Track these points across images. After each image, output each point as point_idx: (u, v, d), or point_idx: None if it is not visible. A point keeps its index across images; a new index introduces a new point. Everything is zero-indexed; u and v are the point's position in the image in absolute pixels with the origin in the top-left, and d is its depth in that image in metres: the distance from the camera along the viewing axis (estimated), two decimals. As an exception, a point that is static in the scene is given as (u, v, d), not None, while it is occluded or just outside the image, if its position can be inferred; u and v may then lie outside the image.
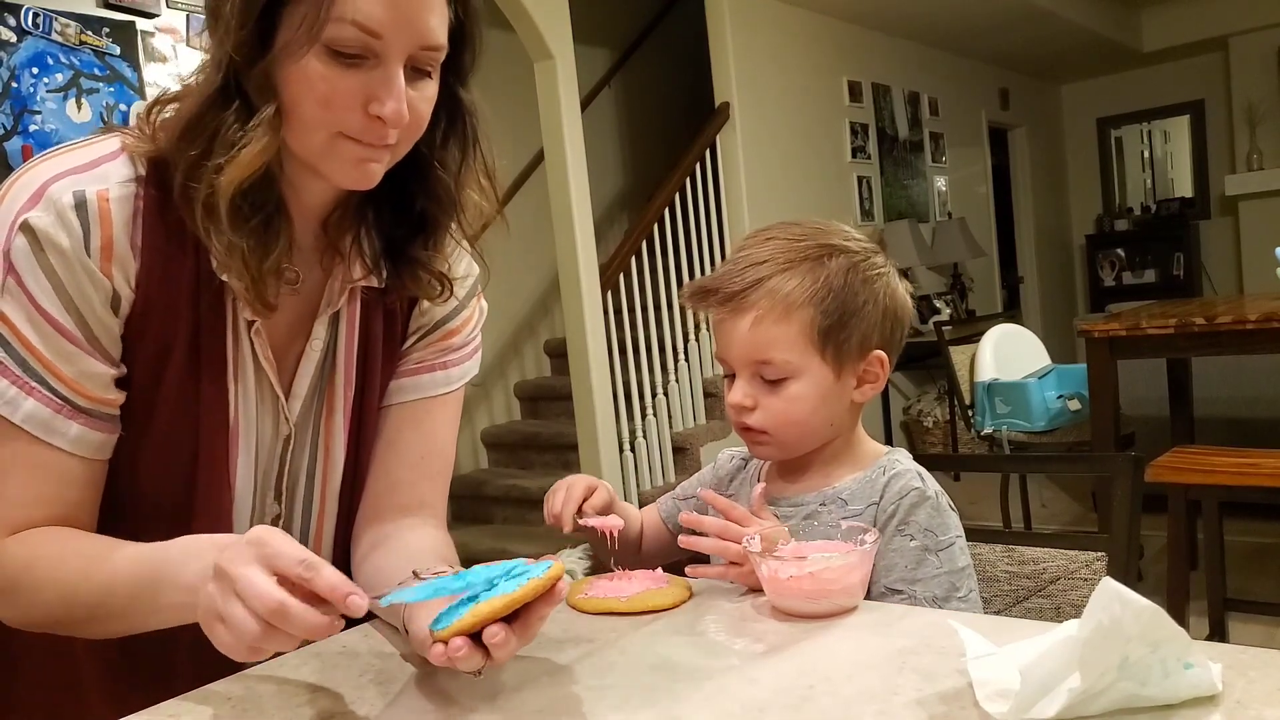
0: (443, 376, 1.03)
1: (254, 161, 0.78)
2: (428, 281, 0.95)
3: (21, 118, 2.65)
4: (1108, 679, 0.60)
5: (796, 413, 1.02)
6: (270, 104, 0.79)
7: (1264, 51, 7.08)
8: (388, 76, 0.79)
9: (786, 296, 1.00)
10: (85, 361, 0.82)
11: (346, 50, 0.77)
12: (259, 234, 0.83)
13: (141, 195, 0.83)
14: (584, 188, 3.99)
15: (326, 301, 0.94)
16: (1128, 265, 7.94)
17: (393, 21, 0.77)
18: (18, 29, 2.64)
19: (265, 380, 0.93)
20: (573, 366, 4.05)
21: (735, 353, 1.03)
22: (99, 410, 0.84)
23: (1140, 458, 1.18)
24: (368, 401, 0.99)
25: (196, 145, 0.80)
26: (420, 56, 0.81)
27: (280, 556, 0.69)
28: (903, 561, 0.98)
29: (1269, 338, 2.82)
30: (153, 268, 0.84)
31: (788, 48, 5.24)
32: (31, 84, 2.67)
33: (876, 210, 5.89)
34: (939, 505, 1.01)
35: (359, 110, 0.79)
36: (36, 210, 0.79)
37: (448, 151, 0.91)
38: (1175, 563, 2.45)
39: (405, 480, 1.01)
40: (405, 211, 0.93)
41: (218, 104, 0.79)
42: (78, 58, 2.74)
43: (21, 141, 2.64)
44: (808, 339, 1.01)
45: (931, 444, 5.60)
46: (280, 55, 0.78)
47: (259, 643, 0.68)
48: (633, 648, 0.84)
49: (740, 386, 1.04)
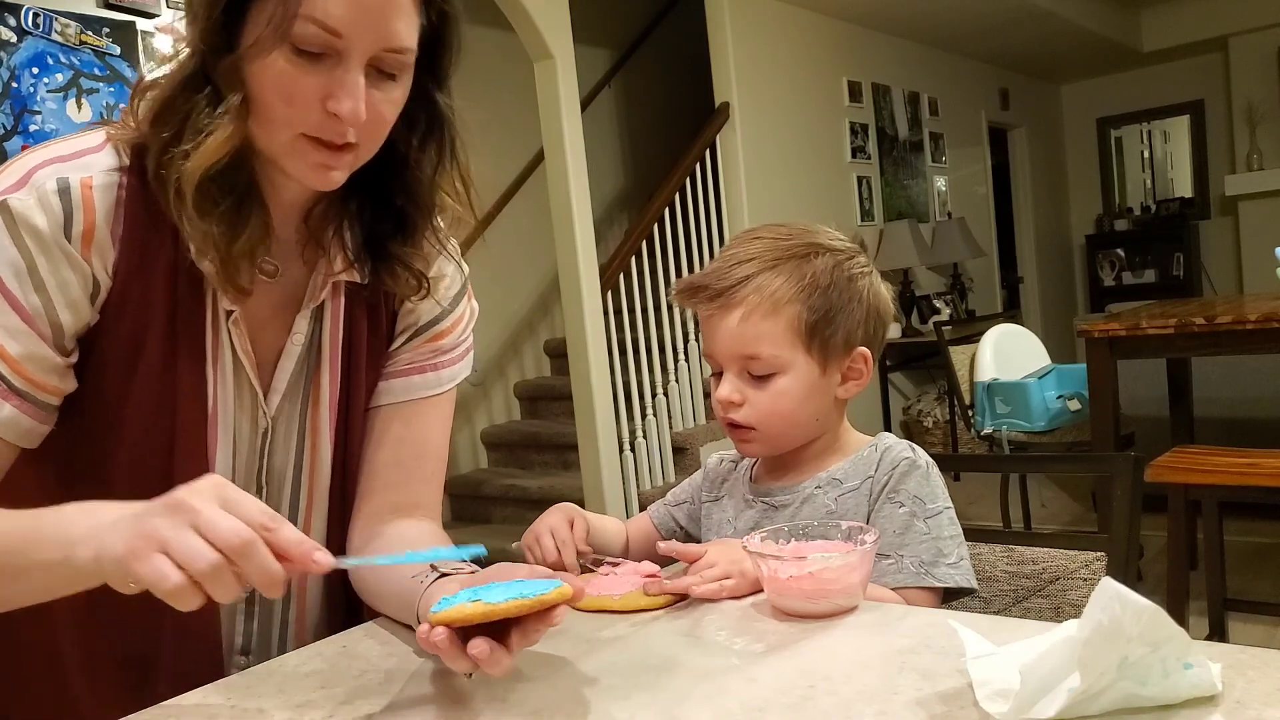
0: (434, 378, 1.04)
1: (219, 149, 0.80)
2: (406, 279, 0.96)
3: (21, 118, 2.65)
4: (1107, 679, 0.60)
5: (783, 407, 1.05)
6: (237, 93, 0.80)
7: (1264, 51, 7.07)
8: (346, 75, 0.79)
9: (774, 293, 1.03)
10: (35, 343, 0.82)
11: (308, 48, 0.78)
12: (229, 218, 0.83)
13: (124, 185, 0.84)
14: (584, 188, 3.99)
15: (309, 296, 0.95)
16: (1128, 265, 7.94)
17: (354, 21, 0.78)
18: (18, 29, 2.64)
19: (244, 373, 0.93)
20: (573, 366, 4.05)
21: (723, 348, 1.06)
22: (35, 395, 0.83)
23: (1140, 458, 1.18)
24: (354, 398, 0.99)
25: (168, 128, 0.81)
26: (384, 58, 0.81)
27: (240, 502, 0.68)
28: (891, 527, 1.01)
29: (1269, 338, 2.82)
30: (131, 256, 0.84)
31: (788, 48, 5.24)
32: (31, 84, 2.66)
33: (876, 210, 5.89)
34: (928, 475, 1.04)
35: (318, 107, 0.80)
36: (20, 193, 0.80)
37: (425, 154, 0.92)
38: (1175, 563, 2.45)
39: (399, 481, 1.01)
40: (385, 208, 0.94)
41: (189, 89, 0.81)
42: (78, 58, 2.74)
43: (21, 141, 2.64)
44: (794, 334, 1.03)
45: (931, 444, 5.59)
46: (248, 49, 0.79)
47: (205, 576, 0.66)
48: (632, 647, 0.84)
49: (728, 382, 1.06)
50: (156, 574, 0.66)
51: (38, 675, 0.94)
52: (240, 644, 0.99)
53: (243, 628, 0.99)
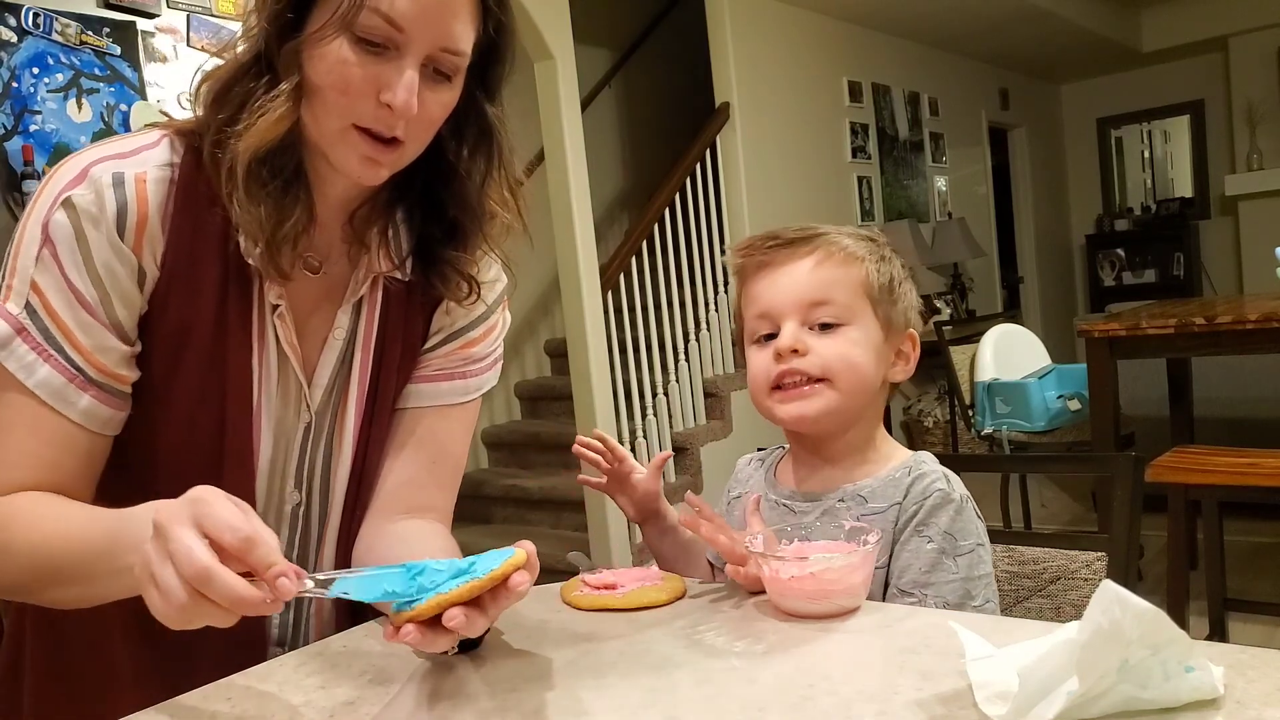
0: (461, 386, 1.05)
1: (271, 129, 0.82)
2: (457, 283, 0.98)
3: (22, 118, 2.64)
4: (1106, 682, 0.60)
5: (856, 357, 1.00)
6: (294, 77, 0.82)
7: (1264, 51, 7.07)
8: (402, 68, 0.82)
9: (847, 248, 1.02)
10: (102, 335, 0.85)
11: (370, 38, 0.81)
12: (276, 200, 0.86)
13: (175, 180, 0.87)
14: (584, 188, 3.99)
15: (350, 290, 0.97)
16: (1128, 265, 7.94)
17: (416, 18, 0.81)
18: (18, 29, 2.64)
19: (288, 367, 0.94)
20: (573, 366, 4.05)
21: (789, 296, 1.01)
22: (110, 385, 0.86)
23: (1140, 458, 1.18)
24: (382, 393, 1.00)
25: (225, 110, 0.84)
26: (440, 58, 0.84)
27: (212, 518, 0.65)
28: (917, 564, 0.96)
29: (1269, 338, 2.82)
30: (180, 249, 0.87)
31: (788, 48, 5.24)
32: (32, 84, 2.66)
33: (876, 210, 5.89)
34: (962, 509, 0.98)
35: (372, 98, 0.83)
36: (80, 188, 0.83)
37: (474, 163, 0.94)
38: (1175, 563, 2.45)
39: (415, 482, 1.02)
40: (435, 214, 0.96)
41: (249, 73, 0.84)
42: (78, 58, 2.74)
43: (22, 141, 2.64)
44: (865, 290, 1.02)
45: (931, 444, 5.59)
46: (311, 35, 0.81)
47: (186, 612, 0.64)
48: (632, 648, 0.84)
49: (790, 331, 1.00)
50: (157, 612, 0.66)
51: (85, 668, 0.95)
52: (277, 635, 1.00)
53: (279, 619, 1.00)
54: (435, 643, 0.72)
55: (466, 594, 0.70)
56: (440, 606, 0.70)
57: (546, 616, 0.94)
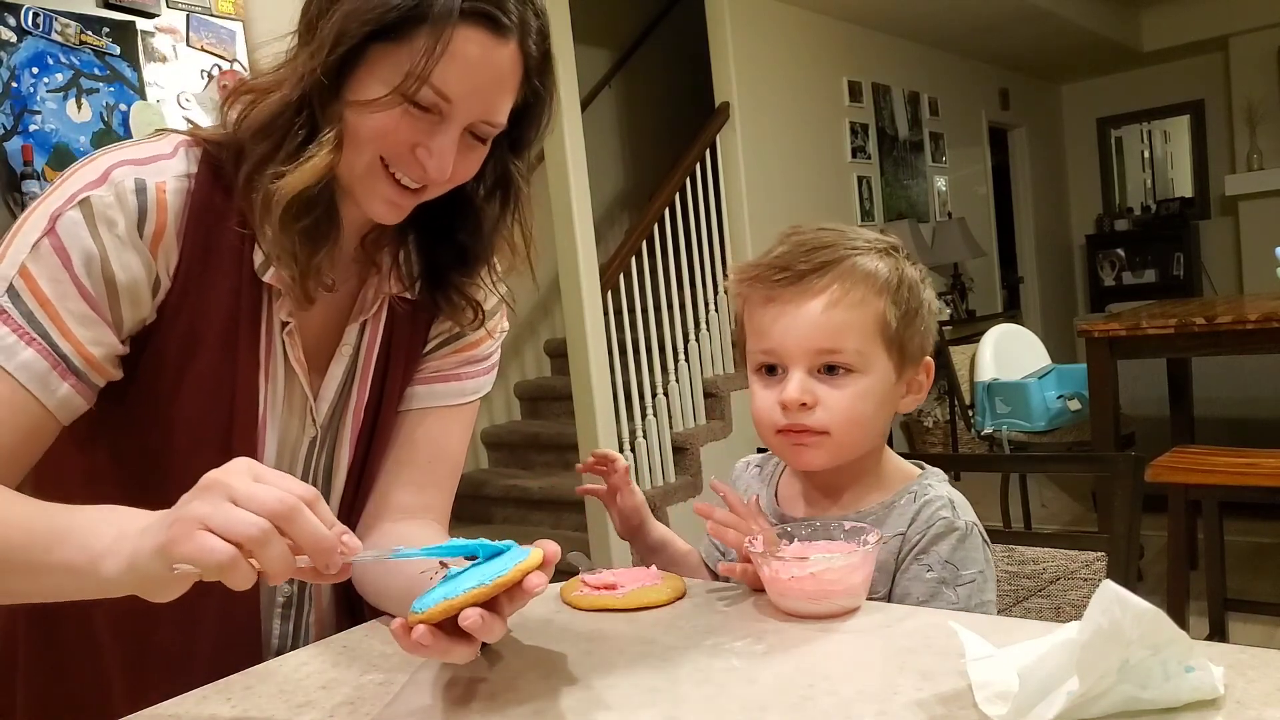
0: (457, 388, 1.05)
1: (314, 175, 0.84)
2: (463, 308, 1.00)
3: (21, 118, 2.64)
4: (1106, 682, 0.60)
5: (861, 411, 0.94)
6: (335, 127, 0.84)
7: (1264, 51, 7.07)
8: (444, 136, 0.85)
9: (865, 278, 0.94)
10: (101, 330, 0.85)
11: (420, 103, 0.83)
12: (310, 233, 0.87)
13: (192, 191, 0.87)
14: (584, 188, 3.98)
15: (359, 308, 0.98)
16: (1128, 265, 7.94)
17: (467, 94, 0.84)
18: (18, 29, 2.64)
19: (295, 382, 0.95)
20: (573, 366, 4.05)
21: (797, 340, 0.94)
22: (90, 376, 0.85)
23: (1140, 458, 1.18)
24: (386, 406, 1.01)
25: (266, 144, 0.86)
26: (478, 126, 0.87)
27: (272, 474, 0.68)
28: (915, 592, 0.94)
29: (1269, 338, 2.82)
30: (193, 261, 0.88)
31: (788, 48, 5.24)
32: (31, 84, 2.66)
33: (876, 210, 5.89)
34: (967, 537, 0.95)
35: (408, 151, 0.86)
36: (101, 189, 0.83)
37: (489, 204, 0.96)
38: (1175, 563, 2.45)
39: (411, 483, 1.02)
40: (446, 240, 0.98)
41: (291, 110, 0.85)
42: (78, 58, 2.74)
43: (21, 141, 2.64)
44: (879, 331, 0.94)
45: (931, 444, 5.60)
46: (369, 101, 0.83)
47: (255, 543, 0.64)
48: (632, 647, 0.84)
49: (797, 381, 0.94)
50: (201, 550, 0.64)
51: (76, 668, 0.95)
52: (276, 645, 1.00)
53: (279, 629, 1.00)
54: (452, 651, 0.71)
55: (479, 597, 0.70)
56: (452, 609, 0.69)
57: (547, 616, 0.94)
